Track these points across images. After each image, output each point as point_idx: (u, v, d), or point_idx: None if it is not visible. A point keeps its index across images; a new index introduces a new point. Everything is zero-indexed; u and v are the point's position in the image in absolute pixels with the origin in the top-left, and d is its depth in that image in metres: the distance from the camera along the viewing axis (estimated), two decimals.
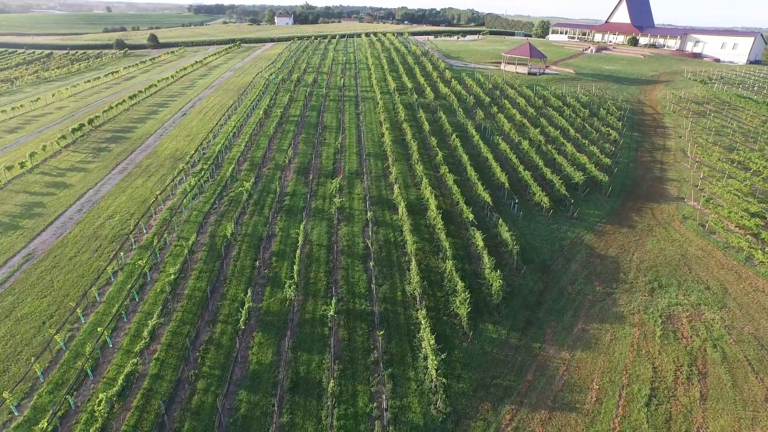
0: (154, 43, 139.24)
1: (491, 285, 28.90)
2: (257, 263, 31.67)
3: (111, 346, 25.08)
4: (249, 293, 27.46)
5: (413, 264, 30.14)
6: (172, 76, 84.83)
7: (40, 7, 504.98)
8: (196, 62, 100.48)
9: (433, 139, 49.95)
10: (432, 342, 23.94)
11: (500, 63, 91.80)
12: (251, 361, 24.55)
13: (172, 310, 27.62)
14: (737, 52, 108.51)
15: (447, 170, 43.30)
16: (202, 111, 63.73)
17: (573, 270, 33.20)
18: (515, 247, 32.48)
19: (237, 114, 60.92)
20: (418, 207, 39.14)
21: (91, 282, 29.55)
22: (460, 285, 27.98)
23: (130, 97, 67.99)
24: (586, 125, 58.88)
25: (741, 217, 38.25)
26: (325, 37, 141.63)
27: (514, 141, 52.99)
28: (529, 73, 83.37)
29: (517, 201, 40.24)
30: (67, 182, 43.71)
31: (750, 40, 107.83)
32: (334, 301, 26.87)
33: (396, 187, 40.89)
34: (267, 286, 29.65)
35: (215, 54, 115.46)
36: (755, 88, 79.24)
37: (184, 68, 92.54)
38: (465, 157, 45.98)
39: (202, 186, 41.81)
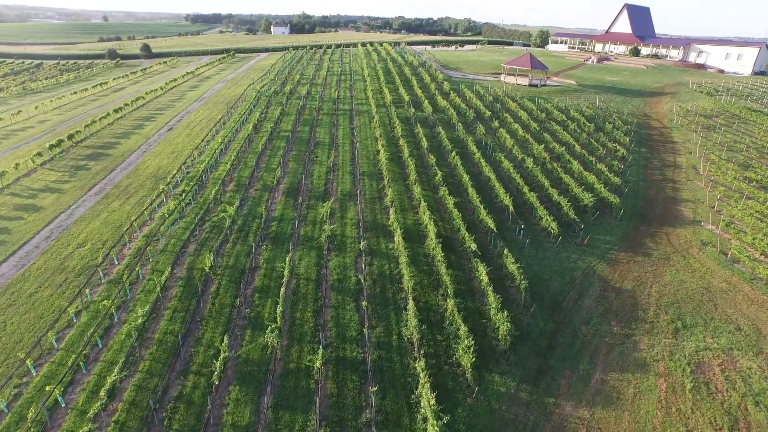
0: (147, 53, 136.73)
1: (497, 328, 25.81)
2: (238, 300, 28.53)
3: (63, 405, 21.85)
4: (226, 340, 24.29)
5: (410, 303, 27.02)
6: (161, 88, 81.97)
7: (38, 17, 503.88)
8: (188, 73, 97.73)
9: (432, 156, 47.01)
10: (432, 401, 20.79)
11: (500, 74, 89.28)
12: (226, 423, 21.35)
13: (138, 358, 24.43)
14: (742, 62, 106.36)
15: (447, 192, 40.31)
16: (189, 125, 60.77)
17: (586, 307, 30.13)
18: (523, 282, 29.41)
19: (225, 129, 57.98)
20: (415, 233, 36.10)
21: (49, 324, 26.35)
22: (462, 329, 24.87)
23: (116, 110, 65.03)
24: (592, 141, 56.05)
25: (767, 244, 35.29)
26: (320, 46, 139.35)
27: (517, 158, 50.09)
28: (530, 85, 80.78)
29: (522, 227, 37.21)
30: (38, 204, 40.56)
31: (755, 50, 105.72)
32: (321, 351, 23.71)
33: (392, 210, 37.87)
34: (247, 329, 26.48)
35: (208, 64, 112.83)
36: (764, 101, 76.72)
37: (175, 79, 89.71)
38: (466, 177, 43.01)
39: (183, 210, 38.72)
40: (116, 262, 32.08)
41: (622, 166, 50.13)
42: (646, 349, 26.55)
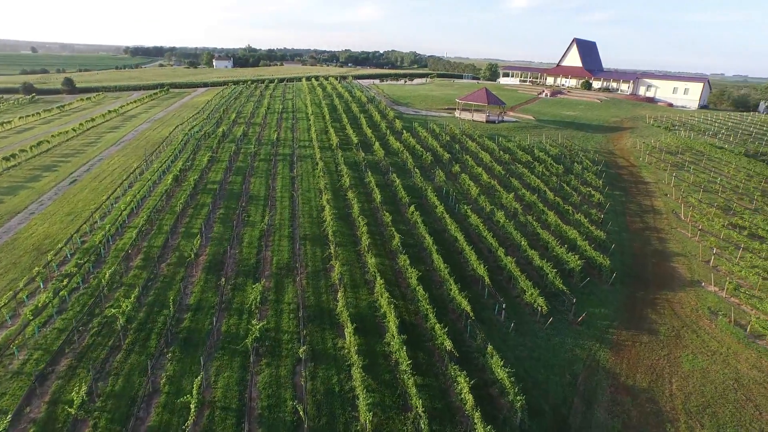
0: (70, 87, 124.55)
1: None
2: None
3: None
4: None
5: None
6: (74, 129, 71.50)
7: None
8: (110, 111, 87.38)
9: (387, 214, 39.57)
10: None
11: (454, 109, 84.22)
12: None
13: None
14: (689, 97, 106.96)
15: (407, 261, 32.81)
16: (98, 177, 51.08)
17: (600, 422, 22.98)
18: (518, 398, 21.94)
19: (141, 181, 48.75)
20: (371, 323, 28.25)
21: None
22: None
23: (6, 158, 54.41)
24: (564, 185, 50.48)
25: None
26: (263, 81, 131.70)
27: (485, 210, 43.47)
28: (487, 121, 75.82)
29: (504, 305, 30.04)
30: None
31: (700, 85, 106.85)
32: None
33: (341, 291, 29.94)
34: None
35: (137, 101, 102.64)
36: (721, 136, 74.73)
37: (93, 119, 79.27)
38: (429, 239, 35.75)
39: (65, 300, 29.34)
40: None
41: (601, 215, 44.37)
42: None
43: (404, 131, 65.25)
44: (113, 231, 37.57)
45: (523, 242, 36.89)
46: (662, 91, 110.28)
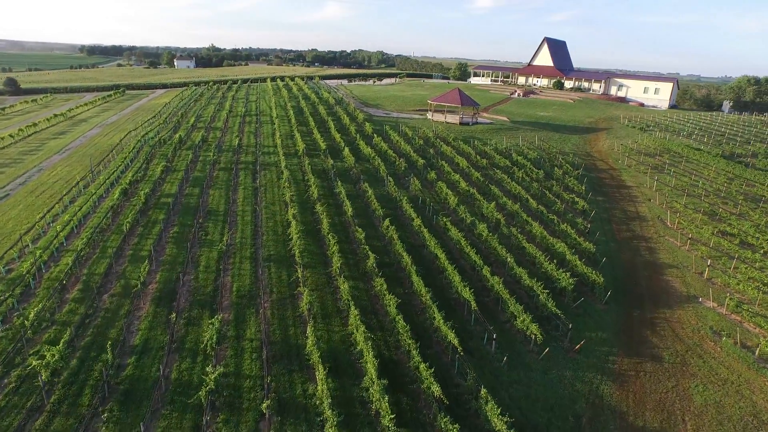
0: (13, 88, 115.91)
1: None
2: None
3: None
4: None
5: None
6: (11, 135, 65.23)
7: None
8: (57, 115, 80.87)
9: (359, 230, 35.95)
10: None
11: (426, 111, 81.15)
12: None
13: None
14: (659, 96, 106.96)
15: (384, 285, 29.28)
16: (35, 190, 45.78)
17: None
18: None
19: (86, 195, 43.78)
20: (346, 360, 24.66)
21: None
22: None
23: None
24: (546, 191, 47.86)
25: None
26: (225, 82, 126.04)
27: (465, 222, 40.33)
28: (461, 123, 72.99)
29: (494, 334, 26.85)
30: None
31: (670, 85, 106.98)
32: None
33: (310, 324, 26.19)
34: None
35: (89, 104, 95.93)
36: (695, 137, 73.91)
37: (35, 124, 72.82)
38: (406, 258, 32.31)
39: None
40: None
41: (588, 225, 41.82)
42: None
43: (375, 135, 61.72)
44: (47, 256, 32.77)
45: (509, 259, 33.84)
46: (633, 90, 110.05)
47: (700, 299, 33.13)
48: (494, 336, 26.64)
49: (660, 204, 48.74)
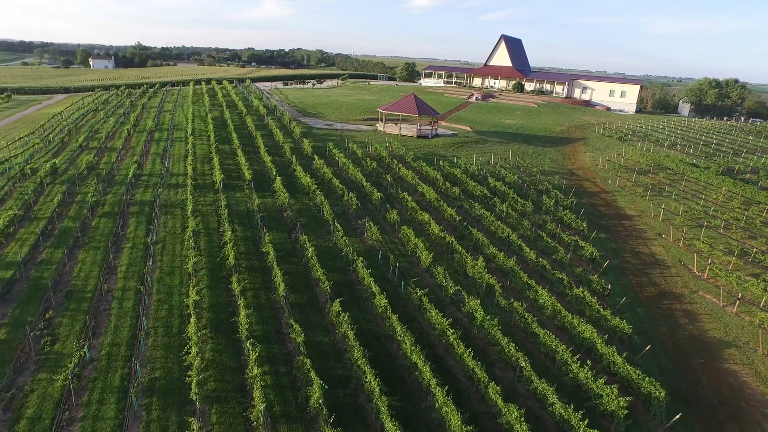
0: None
1: None
2: None
3: None
4: None
5: None
6: None
7: None
8: None
9: (296, 325, 23.43)
10: None
11: (376, 120, 69.27)
12: None
13: None
14: (626, 100, 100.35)
15: None
16: None
17: None
18: None
19: None
20: None
21: None
22: None
23: None
24: (541, 232, 37.15)
25: None
26: (140, 86, 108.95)
27: (447, 292, 28.67)
28: (418, 136, 61.64)
29: None
30: None
31: (637, 87, 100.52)
32: None
33: None
34: None
35: None
36: (680, 147, 66.07)
37: None
38: (370, 377, 20.28)
39: None
40: None
41: (607, 287, 31.11)
42: None
43: (316, 156, 49.13)
44: None
45: (523, 362, 22.46)
46: (598, 93, 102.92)
47: None
48: None
49: (675, 240, 39.24)
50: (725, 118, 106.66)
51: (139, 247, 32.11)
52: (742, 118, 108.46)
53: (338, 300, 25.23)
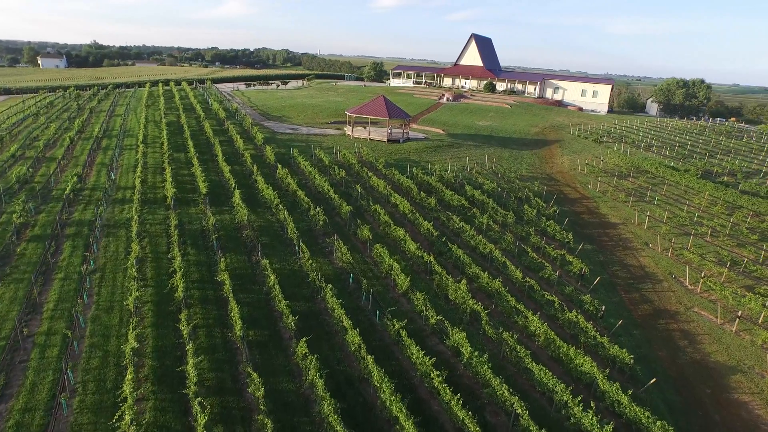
0: None
1: None
2: None
3: None
4: None
5: None
6: None
7: None
8: None
9: (255, 376, 19.82)
10: None
11: (344, 124, 65.71)
12: None
13: None
14: (598, 100, 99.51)
15: None
16: None
17: None
18: None
19: None
20: None
21: None
22: None
23: None
24: (524, 246, 34.44)
25: None
26: (91, 87, 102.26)
27: (428, 321, 25.49)
28: (389, 141, 58.44)
29: None
30: None
31: (609, 87, 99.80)
32: None
33: None
34: None
35: None
36: (656, 149, 64.79)
37: None
38: None
39: None
40: None
41: (601, 308, 28.50)
42: None
43: (279, 165, 45.30)
44: None
45: (519, 408, 19.46)
46: (570, 93, 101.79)
47: None
48: None
49: (663, 251, 37.19)
50: (693, 118, 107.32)
51: (72, 277, 27.77)
52: (709, 118, 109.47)
53: (304, 339, 21.70)
